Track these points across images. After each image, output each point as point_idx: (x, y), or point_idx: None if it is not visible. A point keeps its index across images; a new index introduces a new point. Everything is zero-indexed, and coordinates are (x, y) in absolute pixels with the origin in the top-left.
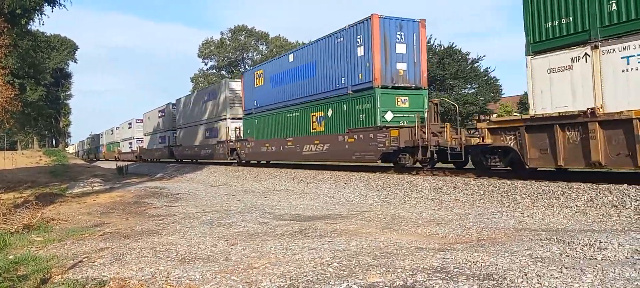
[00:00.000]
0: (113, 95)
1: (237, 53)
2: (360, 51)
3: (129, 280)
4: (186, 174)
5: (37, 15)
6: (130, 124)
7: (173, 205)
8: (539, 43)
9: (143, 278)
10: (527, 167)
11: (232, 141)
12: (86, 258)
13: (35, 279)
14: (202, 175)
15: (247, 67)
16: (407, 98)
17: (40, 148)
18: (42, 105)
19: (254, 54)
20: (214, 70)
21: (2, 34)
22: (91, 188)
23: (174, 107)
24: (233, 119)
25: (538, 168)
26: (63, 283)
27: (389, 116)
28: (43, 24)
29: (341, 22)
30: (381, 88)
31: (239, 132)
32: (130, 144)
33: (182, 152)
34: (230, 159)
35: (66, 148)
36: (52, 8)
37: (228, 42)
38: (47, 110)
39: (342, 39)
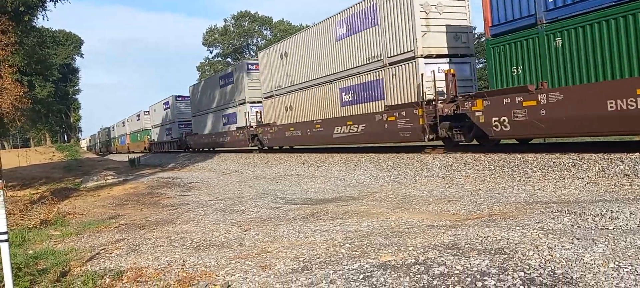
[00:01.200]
0: (119, 89)
1: (242, 39)
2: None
3: (146, 269)
4: (197, 163)
5: (41, 10)
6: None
7: (186, 194)
8: None
9: (159, 266)
10: None
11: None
12: (103, 250)
13: (55, 272)
14: (214, 164)
15: (252, 53)
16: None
17: (53, 144)
18: (52, 102)
19: (259, 39)
20: (220, 58)
21: (7, 32)
22: (105, 182)
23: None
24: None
25: None
26: (82, 275)
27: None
28: (47, 20)
29: (345, 3)
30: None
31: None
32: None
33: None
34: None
35: (79, 142)
36: (55, 3)
37: (232, 29)
38: (57, 106)
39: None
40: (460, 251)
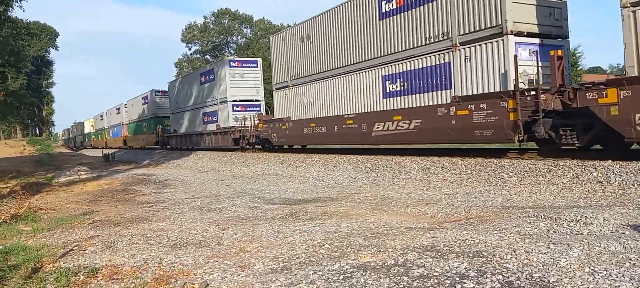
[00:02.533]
0: (96, 83)
1: (221, 37)
2: None
3: (122, 266)
4: (173, 160)
5: (17, 1)
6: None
7: (162, 192)
8: None
9: (135, 264)
10: None
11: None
12: (77, 247)
13: (26, 268)
14: (190, 161)
15: (231, 51)
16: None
17: (24, 138)
18: (24, 94)
19: (239, 37)
20: (199, 55)
21: None
22: (78, 177)
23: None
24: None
25: None
26: (55, 272)
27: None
28: (23, 11)
29: (326, 4)
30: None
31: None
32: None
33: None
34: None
35: (50, 137)
36: None
37: (212, 26)
38: (29, 99)
39: None
40: (439, 253)
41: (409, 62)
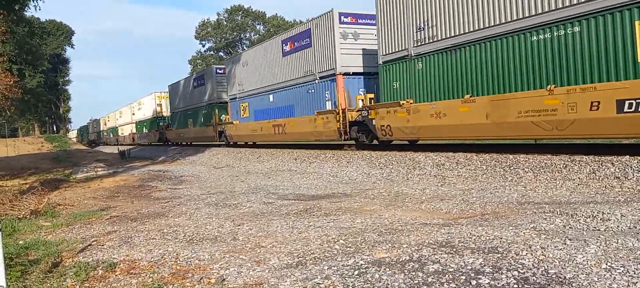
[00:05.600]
0: (112, 81)
1: (235, 33)
2: None
3: (139, 261)
4: (188, 157)
5: (32, 1)
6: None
7: (177, 188)
8: None
9: (152, 259)
10: None
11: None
12: (95, 242)
13: (46, 263)
14: (205, 158)
15: (244, 47)
16: None
17: (42, 135)
18: (41, 92)
19: (252, 34)
20: (212, 52)
21: None
22: (95, 173)
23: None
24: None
25: None
26: (74, 266)
27: None
28: (39, 10)
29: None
30: None
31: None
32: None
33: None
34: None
35: (67, 133)
36: None
37: (225, 23)
38: (46, 96)
39: None
40: (454, 249)
41: None
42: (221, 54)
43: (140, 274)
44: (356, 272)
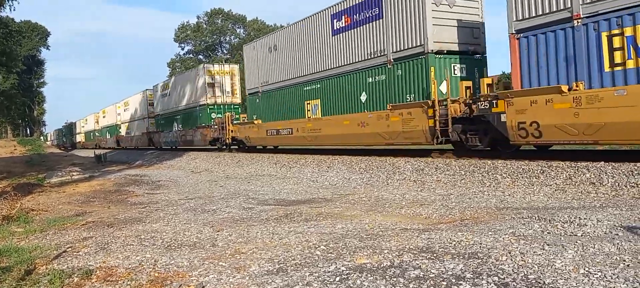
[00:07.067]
0: (89, 83)
1: (214, 37)
2: None
3: (116, 268)
4: (166, 161)
5: (8, 1)
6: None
7: (155, 193)
8: None
9: (130, 266)
10: None
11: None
12: (70, 248)
13: (19, 270)
14: (182, 162)
15: (224, 51)
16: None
17: (14, 138)
18: (15, 94)
19: (232, 37)
20: (191, 55)
21: None
22: (70, 178)
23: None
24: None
25: None
26: (48, 274)
27: None
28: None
29: (319, 5)
30: None
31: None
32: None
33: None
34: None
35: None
36: None
37: (205, 26)
38: (20, 99)
39: None
40: (435, 254)
41: None
42: (200, 57)
43: (118, 281)
44: (338, 279)
